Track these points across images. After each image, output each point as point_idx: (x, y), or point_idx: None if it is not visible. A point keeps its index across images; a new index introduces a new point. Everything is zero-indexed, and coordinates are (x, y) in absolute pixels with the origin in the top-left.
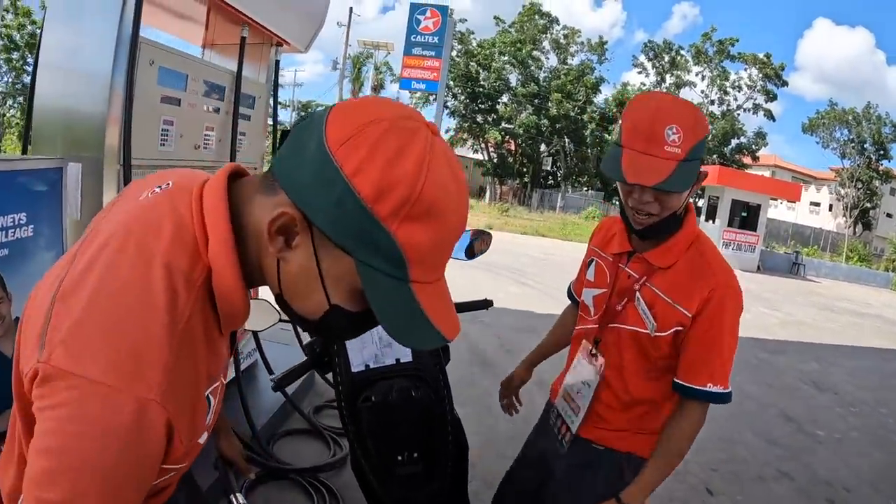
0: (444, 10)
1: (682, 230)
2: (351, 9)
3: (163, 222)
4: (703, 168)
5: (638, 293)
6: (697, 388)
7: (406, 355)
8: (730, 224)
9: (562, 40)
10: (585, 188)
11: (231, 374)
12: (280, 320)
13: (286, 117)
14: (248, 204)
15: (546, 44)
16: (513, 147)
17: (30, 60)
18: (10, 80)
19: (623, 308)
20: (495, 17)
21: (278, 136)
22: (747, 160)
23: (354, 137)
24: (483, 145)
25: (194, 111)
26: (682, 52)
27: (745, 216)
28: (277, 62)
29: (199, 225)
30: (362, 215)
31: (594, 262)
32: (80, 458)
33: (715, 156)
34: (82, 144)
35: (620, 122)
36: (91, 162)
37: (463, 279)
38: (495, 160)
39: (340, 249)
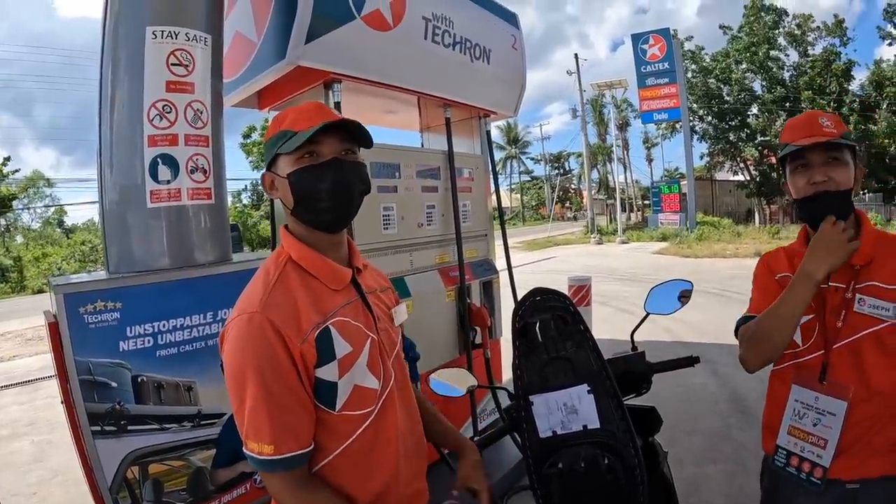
0: (666, 33)
1: (865, 228)
2: (576, 55)
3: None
4: (858, 163)
5: (857, 296)
6: None
7: (593, 422)
8: None
9: (796, 31)
10: (861, 191)
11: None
12: (478, 386)
13: (540, 171)
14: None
15: (781, 40)
16: (774, 161)
17: None
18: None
19: (843, 322)
20: (721, 27)
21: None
22: None
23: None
24: (741, 165)
25: (411, 194)
26: None
27: None
28: (488, 132)
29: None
30: (268, 143)
31: None
32: (233, 366)
33: None
34: None
35: (781, 139)
36: None
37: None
38: (758, 179)
39: (274, 162)
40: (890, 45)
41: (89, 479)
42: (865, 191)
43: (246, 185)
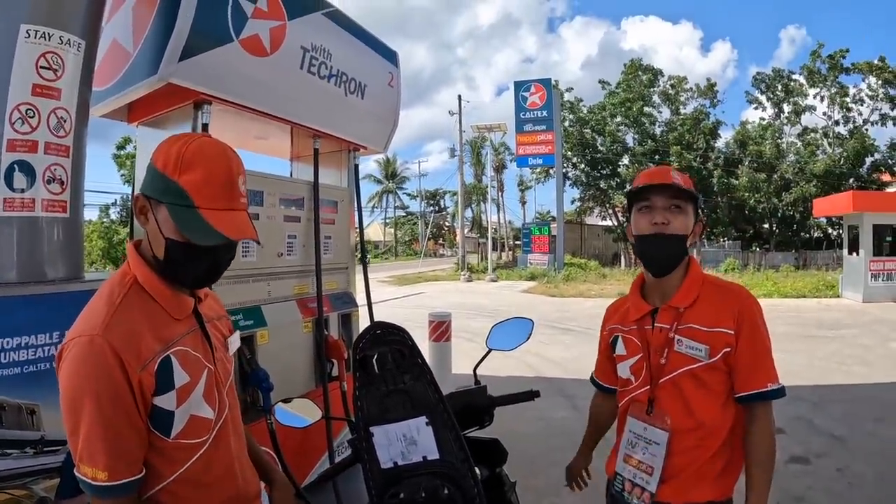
0: (547, 83)
1: (691, 273)
2: (460, 97)
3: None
4: (699, 217)
5: (676, 337)
6: (762, 390)
7: (432, 453)
8: (876, 252)
9: (670, 91)
10: (722, 239)
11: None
12: (323, 417)
13: (415, 207)
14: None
15: (655, 97)
16: None
17: None
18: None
19: (666, 359)
20: (600, 81)
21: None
22: (886, 178)
23: (157, 150)
24: (610, 211)
25: (273, 223)
26: (794, 76)
27: (892, 240)
28: (356, 166)
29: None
30: (159, 176)
31: (619, 338)
32: (70, 388)
33: (851, 179)
34: None
35: (633, 184)
36: None
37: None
38: (625, 224)
39: (158, 202)
40: (756, 108)
41: None
42: (726, 238)
43: (115, 200)
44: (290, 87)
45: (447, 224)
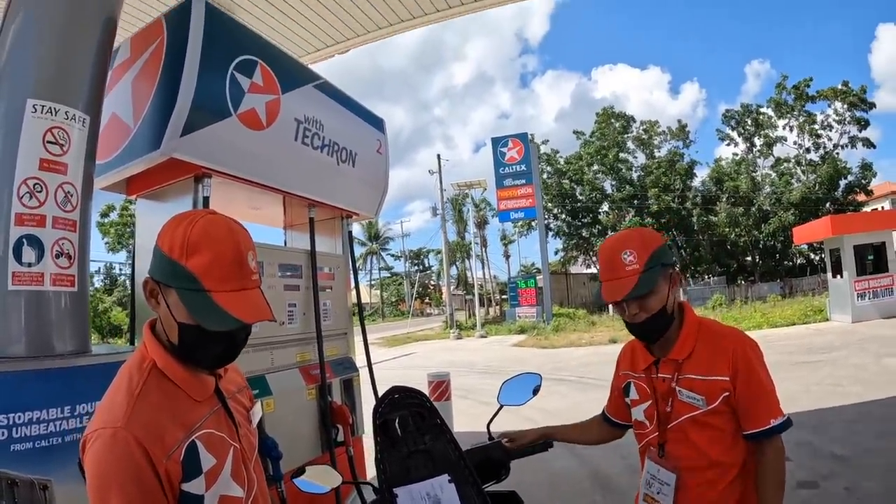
0: (524, 137)
1: (686, 323)
2: (439, 156)
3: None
4: (671, 270)
5: (677, 388)
6: (765, 428)
7: None
8: (859, 273)
9: (643, 136)
10: (706, 276)
11: None
12: (344, 482)
13: (400, 267)
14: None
15: (630, 143)
16: None
17: None
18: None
19: (671, 407)
20: (574, 132)
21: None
22: (861, 198)
23: (163, 232)
24: (594, 258)
25: (273, 292)
26: (763, 109)
27: (873, 259)
28: (350, 233)
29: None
30: (166, 261)
31: (632, 384)
32: (97, 478)
33: (828, 204)
34: None
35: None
36: None
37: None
38: None
39: (167, 286)
40: (728, 145)
41: None
42: (710, 275)
43: (99, 268)
44: (285, 158)
45: (432, 283)
